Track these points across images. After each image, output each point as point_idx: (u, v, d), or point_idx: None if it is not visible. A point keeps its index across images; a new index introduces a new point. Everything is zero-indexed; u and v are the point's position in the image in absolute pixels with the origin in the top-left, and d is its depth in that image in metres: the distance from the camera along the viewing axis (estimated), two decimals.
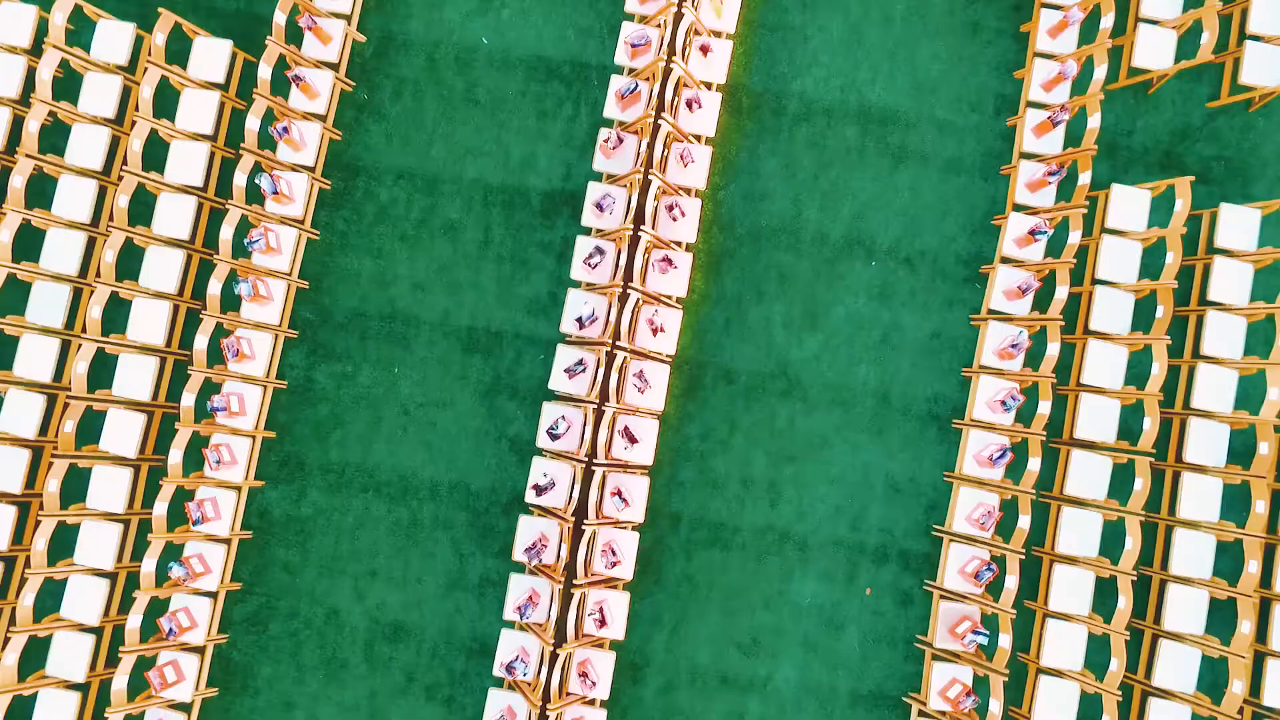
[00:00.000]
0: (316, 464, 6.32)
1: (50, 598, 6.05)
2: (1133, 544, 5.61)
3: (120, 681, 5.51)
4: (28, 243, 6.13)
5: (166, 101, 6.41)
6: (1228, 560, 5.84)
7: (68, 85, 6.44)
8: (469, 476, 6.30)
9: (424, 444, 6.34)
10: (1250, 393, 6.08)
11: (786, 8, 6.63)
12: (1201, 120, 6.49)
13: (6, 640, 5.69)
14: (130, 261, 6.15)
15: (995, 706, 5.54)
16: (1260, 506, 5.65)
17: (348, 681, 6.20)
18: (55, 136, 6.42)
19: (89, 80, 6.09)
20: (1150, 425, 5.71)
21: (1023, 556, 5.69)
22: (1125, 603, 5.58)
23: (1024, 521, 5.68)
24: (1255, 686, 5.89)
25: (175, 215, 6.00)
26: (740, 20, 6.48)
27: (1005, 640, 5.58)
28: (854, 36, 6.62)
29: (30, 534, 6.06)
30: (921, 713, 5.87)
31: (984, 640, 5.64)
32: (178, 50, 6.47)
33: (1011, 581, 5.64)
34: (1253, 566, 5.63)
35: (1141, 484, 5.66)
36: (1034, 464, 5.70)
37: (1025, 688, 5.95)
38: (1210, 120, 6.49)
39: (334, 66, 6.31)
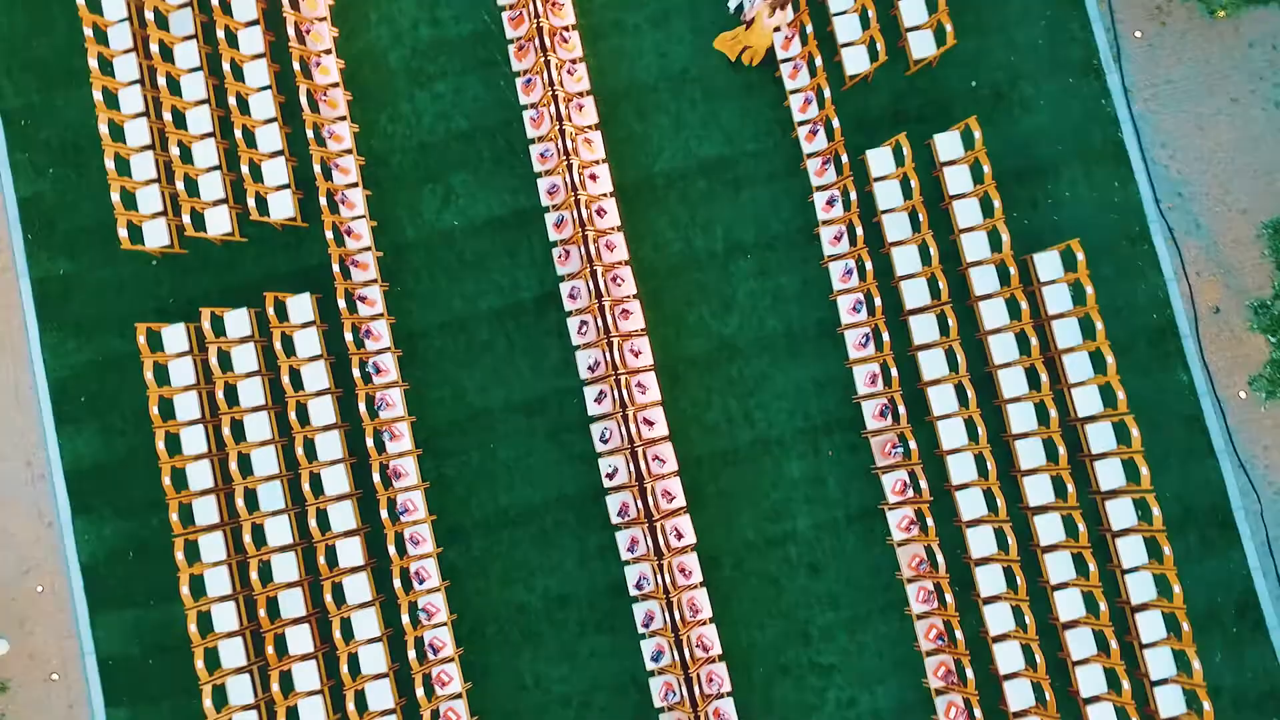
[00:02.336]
0: (469, 523, 9.67)
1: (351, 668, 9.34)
2: (963, 360, 9.06)
3: (420, 692, 8.86)
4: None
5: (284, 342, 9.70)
6: (1034, 376, 9.20)
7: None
8: (563, 489, 9.67)
9: (528, 482, 9.70)
10: (998, 238, 9.49)
11: (629, 123, 10.03)
12: (906, 85, 9.95)
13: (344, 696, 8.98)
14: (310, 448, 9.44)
15: (924, 484, 8.97)
16: (1026, 334, 9.11)
17: (544, 644, 9.54)
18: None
19: (236, 352, 9.42)
20: (943, 285, 9.16)
21: (900, 392, 9.14)
22: (972, 397, 9.02)
23: (895, 372, 9.12)
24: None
25: (323, 410, 9.34)
26: (605, 145, 9.84)
27: (912, 444, 9.03)
28: (677, 123, 10.03)
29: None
30: (890, 508, 9.26)
31: (902, 450, 9.08)
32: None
33: (903, 409, 9.09)
34: (1045, 377, 9.06)
35: (953, 323, 9.11)
36: (886, 336, 9.16)
37: (944, 470, 9.34)
38: (912, 83, 9.95)
39: (376, 280, 9.64)
